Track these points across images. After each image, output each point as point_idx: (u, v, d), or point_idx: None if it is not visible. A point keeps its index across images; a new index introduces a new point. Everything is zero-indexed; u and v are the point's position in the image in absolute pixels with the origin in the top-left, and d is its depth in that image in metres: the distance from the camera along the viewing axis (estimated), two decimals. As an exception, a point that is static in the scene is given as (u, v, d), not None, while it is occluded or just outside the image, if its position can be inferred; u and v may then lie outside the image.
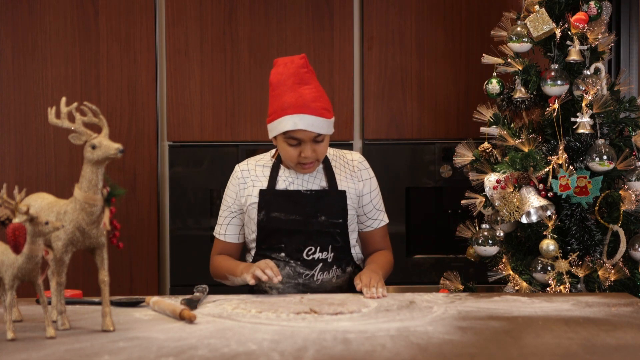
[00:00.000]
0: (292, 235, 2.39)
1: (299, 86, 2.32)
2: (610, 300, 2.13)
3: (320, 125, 2.31)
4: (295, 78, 2.33)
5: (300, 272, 2.39)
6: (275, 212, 2.41)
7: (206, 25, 3.66)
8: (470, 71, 3.66)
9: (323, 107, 2.33)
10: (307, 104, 2.30)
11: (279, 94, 2.34)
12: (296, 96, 2.31)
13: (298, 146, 2.34)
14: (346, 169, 2.49)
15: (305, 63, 2.36)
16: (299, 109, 2.29)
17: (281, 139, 2.36)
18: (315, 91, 2.33)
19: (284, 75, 2.35)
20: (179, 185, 3.64)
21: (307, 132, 2.31)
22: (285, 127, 2.31)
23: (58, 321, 1.75)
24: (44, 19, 3.65)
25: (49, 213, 1.71)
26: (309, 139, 2.33)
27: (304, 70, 2.34)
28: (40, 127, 3.66)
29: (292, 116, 2.30)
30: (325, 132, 2.34)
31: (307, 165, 2.38)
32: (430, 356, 1.49)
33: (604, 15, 2.91)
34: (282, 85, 2.34)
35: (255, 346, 1.56)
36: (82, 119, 1.71)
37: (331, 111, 2.37)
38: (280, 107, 2.32)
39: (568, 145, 2.78)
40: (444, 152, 3.62)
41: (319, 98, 2.33)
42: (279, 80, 2.35)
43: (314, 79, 2.37)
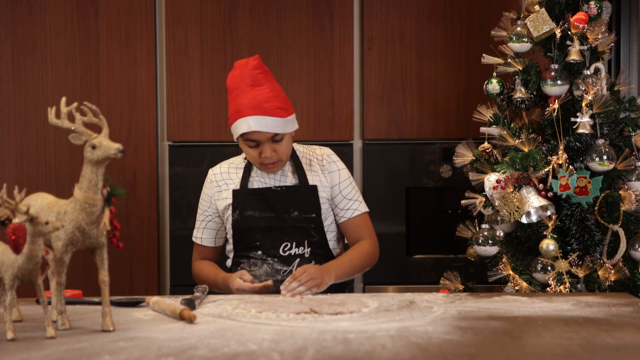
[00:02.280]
0: (266, 232, 2.42)
1: (252, 88, 2.35)
2: (610, 300, 2.13)
3: (275, 125, 2.34)
4: (249, 80, 2.36)
5: (278, 268, 2.42)
6: (249, 210, 2.44)
7: (206, 25, 3.66)
8: (470, 71, 3.66)
9: (277, 107, 2.35)
10: (260, 105, 2.33)
11: (234, 97, 2.39)
12: (249, 98, 2.34)
13: (257, 147, 2.38)
14: (315, 164, 2.52)
15: (259, 64, 2.39)
16: (252, 111, 2.33)
17: (241, 141, 2.40)
18: (268, 91, 2.36)
19: (238, 78, 2.39)
20: (179, 185, 3.64)
21: (262, 133, 2.34)
22: (241, 130, 2.34)
23: (58, 321, 1.75)
24: (44, 19, 3.65)
25: (49, 213, 1.71)
26: (266, 140, 2.35)
27: (257, 71, 2.37)
28: (40, 127, 3.66)
29: (246, 118, 2.33)
30: (282, 132, 2.36)
31: (270, 165, 2.41)
32: (430, 356, 1.49)
33: (604, 15, 2.91)
34: (237, 88, 2.38)
35: (255, 346, 1.56)
36: (82, 119, 1.71)
37: (288, 109, 2.40)
38: (236, 110, 2.36)
39: (568, 145, 2.78)
40: (444, 152, 3.62)
41: (273, 98, 2.36)
42: (234, 83, 2.40)
43: (268, 80, 2.39)
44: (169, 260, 3.67)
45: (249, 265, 2.44)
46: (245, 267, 2.45)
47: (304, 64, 3.66)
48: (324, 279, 2.27)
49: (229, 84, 2.42)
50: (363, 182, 3.66)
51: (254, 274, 2.41)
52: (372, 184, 3.64)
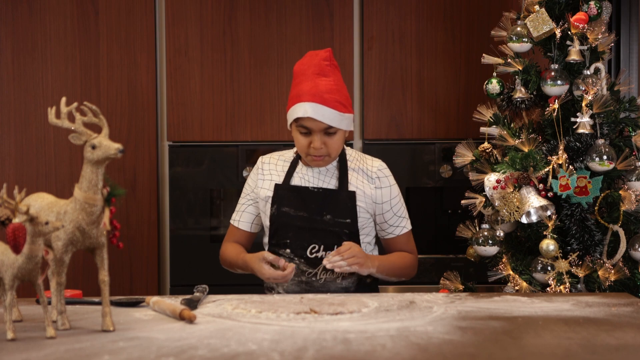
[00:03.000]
0: (297, 231, 2.40)
1: (317, 77, 2.34)
2: (610, 300, 2.13)
3: (331, 117, 2.31)
4: (316, 69, 2.35)
5: (304, 269, 2.39)
6: (286, 207, 2.42)
7: (206, 25, 3.66)
8: (470, 71, 3.66)
9: (337, 100, 2.33)
10: (321, 94, 2.31)
11: (298, 82, 2.37)
12: (312, 85, 2.32)
13: (308, 136, 2.35)
14: (364, 173, 2.47)
15: (329, 57, 2.37)
16: (312, 98, 2.31)
17: (294, 127, 2.38)
18: (332, 84, 2.34)
19: (305, 65, 2.37)
20: (179, 185, 3.64)
21: (317, 121, 2.31)
22: (296, 114, 2.32)
23: (58, 321, 1.75)
24: (44, 19, 3.65)
25: (49, 213, 1.71)
26: (319, 130, 2.33)
27: (326, 63, 2.35)
28: (40, 127, 3.66)
29: (304, 104, 2.31)
30: (337, 126, 2.33)
31: (316, 158, 2.38)
32: (430, 356, 1.49)
33: (604, 15, 2.91)
34: (302, 75, 2.36)
35: (255, 346, 1.56)
36: (82, 119, 1.71)
37: (348, 107, 2.37)
38: (296, 94, 2.34)
39: (568, 145, 2.78)
40: (444, 152, 3.62)
41: (335, 91, 2.33)
42: (300, 69, 2.38)
43: (335, 73, 2.37)
44: (169, 260, 3.67)
45: None
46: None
47: (304, 64, 3.66)
48: (366, 262, 2.30)
49: (296, 69, 2.41)
50: (363, 182, 3.66)
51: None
52: (372, 184, 3.64)
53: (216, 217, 3.65)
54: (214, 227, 3.64)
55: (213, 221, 3.64)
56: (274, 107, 3.67)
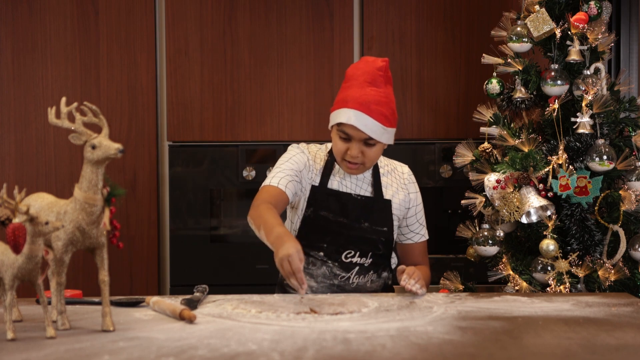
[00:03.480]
0: (334, 236, 2.37)
1: (368, 85, 2.28)
2: (610, 300, 2.13)
3: (373, 129, 2.26)
4: (368, 76, 2.29)
5: (337, 273, 2.38)
6: (324, 210, 2.38)
7: (206, 25, 3.66)
8: (470, 71, 3.66)
9: (383, 113, 2.27)
10: (368, 104, 2.26)
11: (348, 86, 2.32)
12: (360, 93, 2.27)
13: (347, 142, 2.31)
14: (396, 180, 2.47)
15: (385, 67, 2.31)
16: (358, 106, 2.26)
17: (335, 130, 2.33)
18: (382, 96, 2.29)
19: (359, 71, 2.32)
20: (179, 185, 3.64)
21: (358, 130, 2.26)
22: (340, 119, 2.28)
23: (58, 321, 1.75)
24: (44, 19, 3.65)
25: (49, 213, 1.71)
26: (359, 139, 2.28)
27: (380, 73, 2.30)
28: (40, 127, 3.66)
29: (348, 110, 2.26)
30: (378, 138, 2.28)
31: (352, 165, 2.34)
32: (430, 356, 1.49)
33: (604, 15, 2.91)
34: (354, 79, 2.31)
35: (255, 346, 1.56)
36: (82, 119, 1.71)
37: (392, 121, 2.31)
38: (343, 99, 2.30)
39: (568, 145, 2.78)
40: (444, 152, 3.62)
41: (384, 103, 2.28)
42: (353, 73, 2.33)
43: (386, 85, 2.32)
44: (169, 260, 3.67)
45: (307, 263, 2.38)
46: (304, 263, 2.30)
47: (304, 64, 3.66)
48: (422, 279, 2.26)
49: (349, 72, 2.35)
50: (363, 182, 3.66)
51: (311, 273, 2.38)
52: (372, 184, 3.64)
53: (216, 217, 3.65)
54: (214, 227, 3.64)
55: (213, 221, 3.64)
56: (274, 107, 3.67)
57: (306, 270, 2.38)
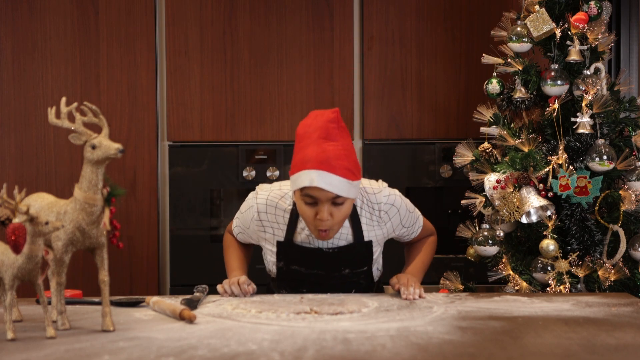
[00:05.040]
0: (313, 285, 2.32)
1: (324, 141, 2.13)
2: (610, 300, 2.13)
3: (340, 186, 2.11)
4: (322, 132, 2.14)
5: None
6: (295, 265, 2.31)
7: (206, 25, 3.66)
8: (470, 71, 3.66)
9: (346, 167, 2.13)
10: (329, 161, 2.10)
11: (302, 146, 2.16)
12: (319, 151, 2.11)
13: (315, 206, 2.16)
14: (372, 215, 2.32)
15: (336, 118, 2.17)
16: (319, 165, 2.10)
17: (298, 195, 2.17)
18: (341, 149, 2.14)
19: (311, 128, 2.16)
20: (179, 185, 3.64)
21: (324, 191, 2.11)
22: (302, 183, 2.12)
23: (58, 321, 1.75)
24: (44, 19, 3.65)
25: (49, 213, 1.71)
26: (326, 200, 2.13)
27: (332, 125, 2.15)
28: (40, 127, 3.66)
29: (310, 171, 2.10)
30: (345, 195, 2.13)
31: (323, 233, 2.19)
32: (430, 356, 1.49)
33: (604, 15, 2.91)
34: (307, 138, 2.15)
35: (255, 346, 1.56)
36: (82, 119, 1.71)
37: (357, 173, 2.17)
38: (301, 161, 2.14)
39: (568, 145, 2.78)
40: (444, 152, 3.62)
41: (344, 157, 2.13)
42: (305, 132, 2.17)
43: (343, 137, 2.17)
44: (169, 260, 3.67)
45: None
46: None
47: (304, 64, 3.66)
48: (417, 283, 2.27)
49: (300, 131, 2.19)
50: (363, 182, 3.66)
51: None
52: (372, 184, 3.64)
53: (216, 217, 3.65)
54: (214, 227, 3.64)
55: (213, 221, 3.64)
56: (274, 107, 3.67)
57: None
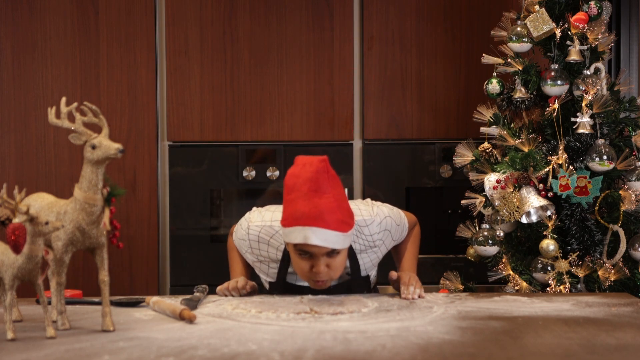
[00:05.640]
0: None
1: (315, 194, 2.07)
2: (610, 300, 2.13)
3: (334, 240, 2.09)
4: (312, 184, 2.07)
5: None
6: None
7: (206, 25, 3.66)
8: (470, 71, 3.66)
9: (340, 220, 2.09)
10: (322, 216, 2.06)
11: (293, 199, 2.10)
12: (310, 206, 2.06)
13: (310, 259, 2.13)
14: (367, 247, 2.31)
15: (326, 167, 2.11)
16: (313, 222, 2.06)
17: (292, 249, 2.15)
18: (332, 201, 2.08)
19: (300, 179, 2.09)
20: (179, 185, 3.64)
21: (319, 247, 2.09)
22: (296, 239, 2.08)
23: (58, 321, 1.75)
24: (44, 19, 3.65)
25: (49, 213, 1.71)
26: (321, 254, 2.11)
27: (322, 176, 2.09)
28: (40, 127, 3.66)
29: (304, 228, 2.06)
30: (340, 247, 2.11)
31: (320, 283, 2.17)
32: (430, 356, 1.49)
33: (604, 15, 2.91)
34: (297, 191, 2.09)
35: (255, 346, 1.56)
36: (82, 119, 1.72)
37: (351, 222, 2.14)
38: (292, 216, 2.09)
39: (568, 145, 2.78)
40: (444, 152, 3.62)
41: (337, 209, 2.09)
42: (294, 183, 2.10)
43: (334, 186, 2.11)
44: (169, 260, 3.67)
45: None
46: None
47: (304, 64, 3.66)
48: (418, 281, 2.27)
49: (288, 183, 2.12)
50: (363, 182, 3.66)
51: None
52: (372, 184, 3.64)
53: (216, 217, 3.65)
54: (214, 227, 3.64)
55: (213, 221, 3.64)
56: (274, 107, 3.67)
57: None
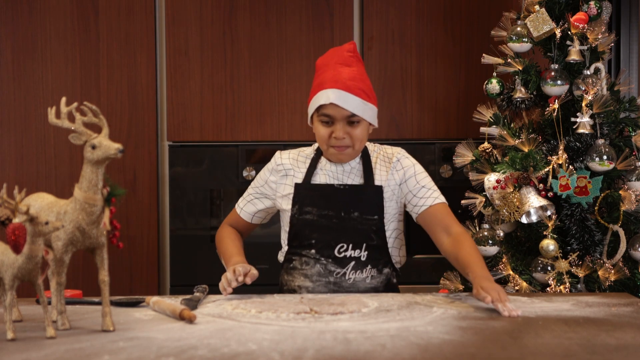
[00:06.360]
0: (323, 231, 2.32)
1: (340, 66, 2.29)
2: (610, 300, 2.13)
3: (355, 105, 2.25)
4: (339, 59, 2.31)
5: (331, 269, 2.31)
6: (308, 206, 2.34)
7: (206, 25, 3.66)
8: (470, 71, 3.66)
9: (361, 88, 2.27)
10: (344, 81, 2.25)
11: (320, 73, 2.32)
12: (335, 73, 2.27)
13: (330, 125, 2.28)
14: (385, 163, 2.39)
15: (353, 48, 2.34)
16: (335, 84, 2.25)
17: (316, 119, 2.31)
18: (356, 73, 2.30)
19: (328, 57, 2.34)
20: (179, 185, 3.64)
21: (340, 108, 2.24)
22: (319, 102, 2.27)
23: (58, 321, 1.75)
24: (44, 19, 3.65)
25: (49, 213, 1.71)
26: (341, 117, 2.26)
27: (349, 54, 2.32)
28: (40, 127, 3.66)
29: (326, 90, 2.25)
30: (361, 114, 2.26)
31: (339, 149, 2.30)
32: (430, 356, 1.49)
33: (604, 15, 2.92)
34: (325, 65, 2.32)
35: (255, 346, 1.56)
36: (82, 119, 1.71)
37: (371, 97, 2.31)
38: (318, 83, 2.30)
39: (568, 145, 2.78)
40: (444, 152, 3.62)
41: (359, 79, 2.28)
42: (323, 62, 2.35)
43: (358, 64, 2.33)
44: (169, 260, 3.67)
45: (301, 264, 2.35)
46: (297, 265, 2.35)
47: (304, 64, 3.66)
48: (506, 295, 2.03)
49: (318, 63, 2.36)
50: (363, 182, 3.66)
51: (305, 273, 2.33)
52: (372, 184, 3.64)
53: (216, 217, 3.65)
54: (213, 227, 3.64)
55: (213, 221, 3.64)
56: (274, 107, 3.67)
57: (300, 270, 2.35)
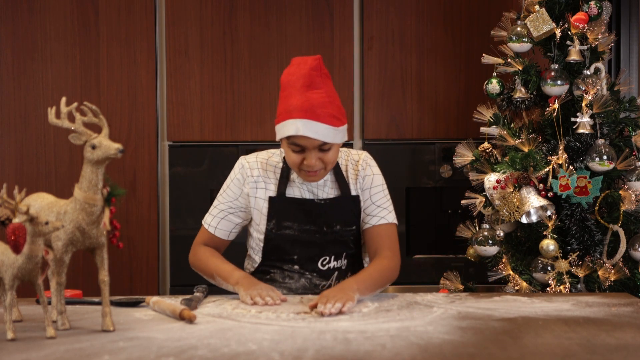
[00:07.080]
0: (305, 246, 2.28)
1: (307, 89, 2.17)
2: (610, 300, 2.13)
3: (325, 133, 2.15)
4: (306, 80, 2.17)
5: (317, 283, 2.29)
6: (288, 221, 2.28)
7: (206, 25, 3.66)
8: (470, 71, 3.66)
9: (331, 114, 2.17)
10: (314, 110, 2.14)
11: (287, 95, 2.20)
12: (303, 100, 2.15)
13: (302, 153, 2.20)
14: (355, 170, 2.35)
15: (319, 65, 2.19)
16: (304, 114, 2.14)
17: (285, 144, 2.22)
18: (324, 96, 2.17)
19: (294, 76, 2.19)
20: (179, 185, 3.64)
21: (310, 139, 2.15)
22: (288, 132, 2.16)
23: (58, 321, 1.75)
24: (44, 19, 3.65)
25: (49, 213, 1.71)
26: (313, 147, 2.17)
27: (315, 73, 2.18)
28: (40, 127, 3.66)
29: (295, 120, 2.14)
30: (331, 141, 2.17)
31: (311, 173, 2.22)
32: (430, 356, 1.49)
33: (604, 15, 2.92)
34: (291, 87, 2.19)
35: (255, 346, 1.56)
36: (82, 119, 1.71)
37: (342, 119, 2.22)
38: (286, 110, 2.18)
39: (568, 145, 2.79)
40: (444, 152, 3.62)
41: (328, 104, 2.17)
42: (289, 80, 2.21)
43: (326, 84, 2.20)
44: (169, 260, 3.67)
45: (283, 277, 2.30)
46: (278, 278, 2.31)
47: (304, 64, 3.66)
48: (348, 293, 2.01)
49: (283, 80, 2.22)
50: (363, 182, 3.66)
51: (289, 287, 2.29)
52: (372, 184, 3.64)
53: (216, 217, 3.65)
54: (214, 227, 3.64)
55: (213, 221, 3.64)
56: (274, 107, 3.64)
57: (283, 284, 2.30)
